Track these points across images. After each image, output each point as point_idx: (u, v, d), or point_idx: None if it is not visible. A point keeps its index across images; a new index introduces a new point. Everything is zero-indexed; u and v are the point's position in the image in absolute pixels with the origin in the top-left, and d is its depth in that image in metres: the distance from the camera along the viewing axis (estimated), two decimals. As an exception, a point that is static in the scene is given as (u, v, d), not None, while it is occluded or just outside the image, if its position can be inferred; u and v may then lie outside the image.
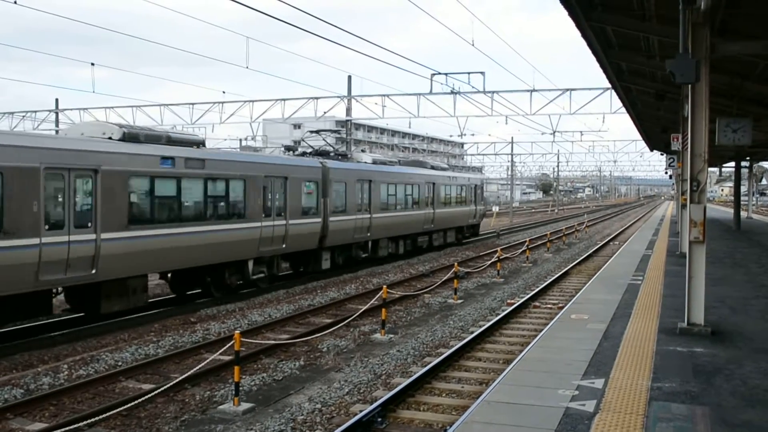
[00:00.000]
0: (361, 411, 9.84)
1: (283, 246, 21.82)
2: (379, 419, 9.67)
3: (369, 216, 27.54)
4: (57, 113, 44.44)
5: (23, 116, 43.44)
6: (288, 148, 27.11)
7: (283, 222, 21.70)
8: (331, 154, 28.00)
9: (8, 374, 12.43)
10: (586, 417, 7.62)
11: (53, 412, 10.58)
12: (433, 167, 36.65)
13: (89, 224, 14.89)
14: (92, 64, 37.37)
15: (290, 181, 22.06)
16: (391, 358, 13.43)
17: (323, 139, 29.29)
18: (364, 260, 28.01)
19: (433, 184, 34.24)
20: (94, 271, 14.91)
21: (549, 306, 18.79)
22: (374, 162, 30.13)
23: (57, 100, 45.22)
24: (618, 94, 24.58)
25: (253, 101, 41.41)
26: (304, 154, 27.47)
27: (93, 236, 14.93)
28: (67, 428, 9.40)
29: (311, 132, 29.68)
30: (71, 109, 44.20)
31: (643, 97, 25.07)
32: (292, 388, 11.86)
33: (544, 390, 8.70)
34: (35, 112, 44.57)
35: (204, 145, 19.64)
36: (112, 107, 43.10)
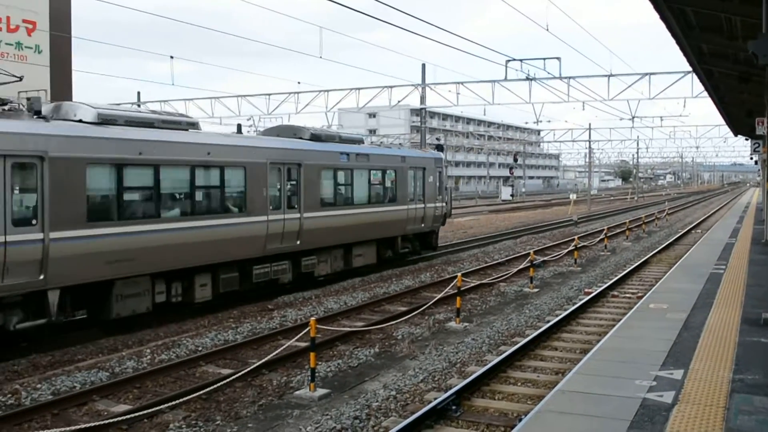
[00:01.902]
0: (435, 399, 9.85)
1: None
2: (454, 407, 9.67)
3: (41, 237, 12.86)
4: (139, 105, 45.71)
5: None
6: None
7: None
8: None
9: (95, 358, 12.91)
10: (664, 408, 7.48)
11: (137, 394, 10.94)
12: (316, 137, 20.95)
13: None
14: (171, 57, 38.19)
15: None
16: (466, 347, 13.42)
17: None
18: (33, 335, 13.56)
19: (299, 166, 19.24)
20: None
21: (627, 295, 18.45)
22: (101, 119, 14.52)
23: (139, 93, 46.61)
24: (699, 77, 23.89)
25: (327, 91, 41.76)
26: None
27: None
28: (149, 410, 9.72)
29: None
30: (152, 101, 45.46)
31: (725, 80, 24.29)
32: (367, 375, 11.98)
33: (621, 380, 8.58)
34: (119, 104, 45.90)
35: None
36: (191, 99, 44.08)
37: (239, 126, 21.36)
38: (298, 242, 19.12)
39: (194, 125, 17.21)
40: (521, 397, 10.39)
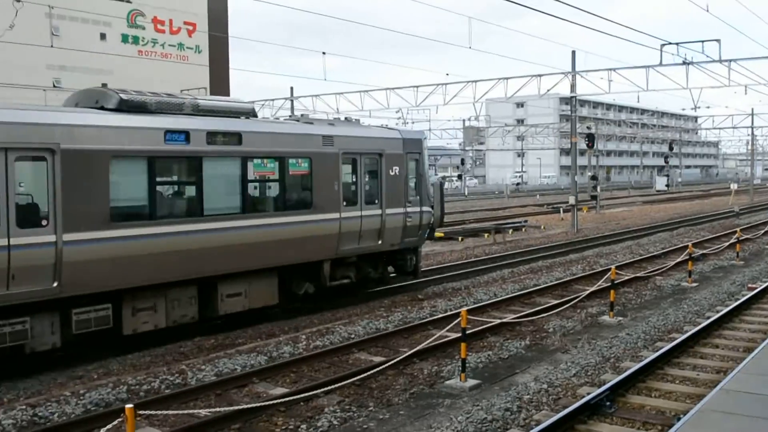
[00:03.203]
0: (588, 393, 9.68)
1: None
2: (608, 403, 9.46)
3: None
4: (292, 101, 47.17)
5: (263, 104, 46.55)
6: None
7: None
8: None
9: (254, 342, 13.50)
10: (841, 412, 7.01)
11: (293, 378, 11.35)
12: (131, 105, 13.00)
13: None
14: (323, 53, 39.13)
15: None
16: (620, 342, 13.05)
17: None
18: None
19: (52, 153, 11.52)
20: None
21: (796, 291, 17.34)
22: None
23: (292, 88, 48.00)
24: None
25: (475, 81, 41.48)
26: None
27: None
28: (306, 394, 10.07)
29: None
30: (304, 96, 46.73)
31: None
32: (518, 367, 11.89)
33: (792, 381, 8.11)
34: (273, 100, 47.58)
35: None
36: (341, 93, 45.00)
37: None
38: (56, 284, 11.50)
39: None
40: (679, 396, 10.03)
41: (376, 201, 17.25)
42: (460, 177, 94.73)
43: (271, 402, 9.77)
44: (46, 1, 37.77)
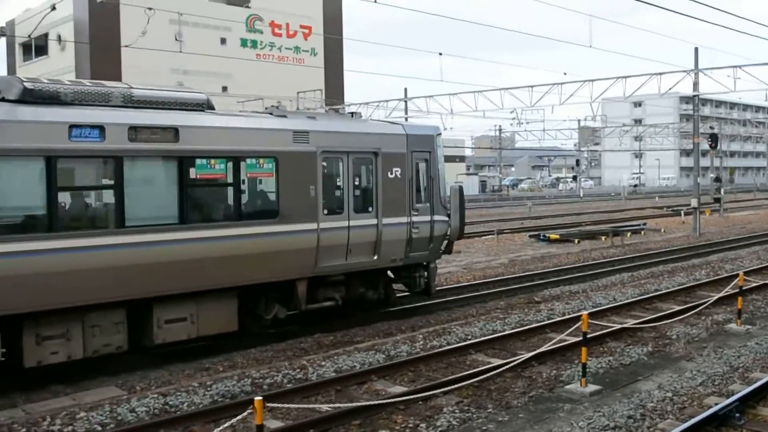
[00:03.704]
0: (716, 404, 9.35)
1: None
2: (737, 414, 9.12)
3: None
4: (406, 102, 47.42)
5: (377, 105, 47.02)
6: None
7: None
8: None
9: (372, 340, 13.69)
10: None
11: (411, 377, 11.42)
12: (38, 95, 10.76)
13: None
14: (440, 54, 39.32)
15: None
16: (749, 351, 12.52)
17: None
18: None
19: None
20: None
21: None
22: None
23: (405, 89, 48.21)
24: None
25: (592, 80, 40.61)
26: None
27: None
28: (424, 394, 10.14)
29: None
30: (419, 97, 46.88)
31: None
32: (640, 374, 11.59)
33: None
34: (387, 101, 47.98)
35: None
36: (455, 93, 44.91)
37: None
38: None
39: None
40: (816, 410, 9.56)
41: (370, 209, 14.73)
42: (574, 178, 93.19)
43: (390, 400, 9.90)
44: (174, 8, 39.42)
